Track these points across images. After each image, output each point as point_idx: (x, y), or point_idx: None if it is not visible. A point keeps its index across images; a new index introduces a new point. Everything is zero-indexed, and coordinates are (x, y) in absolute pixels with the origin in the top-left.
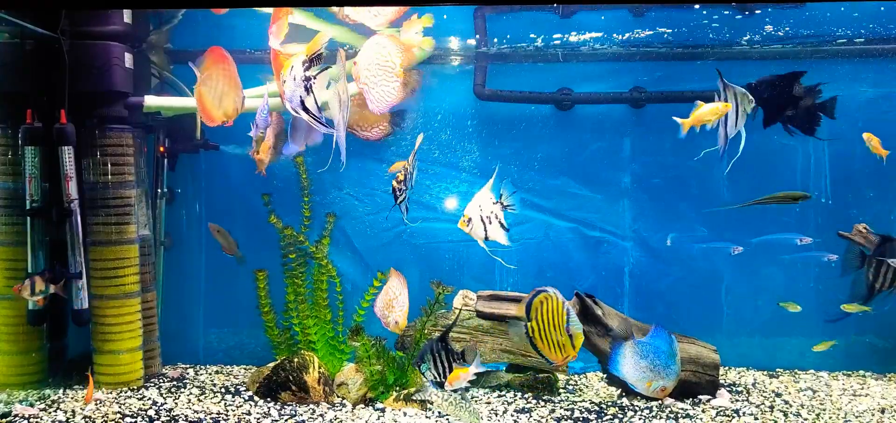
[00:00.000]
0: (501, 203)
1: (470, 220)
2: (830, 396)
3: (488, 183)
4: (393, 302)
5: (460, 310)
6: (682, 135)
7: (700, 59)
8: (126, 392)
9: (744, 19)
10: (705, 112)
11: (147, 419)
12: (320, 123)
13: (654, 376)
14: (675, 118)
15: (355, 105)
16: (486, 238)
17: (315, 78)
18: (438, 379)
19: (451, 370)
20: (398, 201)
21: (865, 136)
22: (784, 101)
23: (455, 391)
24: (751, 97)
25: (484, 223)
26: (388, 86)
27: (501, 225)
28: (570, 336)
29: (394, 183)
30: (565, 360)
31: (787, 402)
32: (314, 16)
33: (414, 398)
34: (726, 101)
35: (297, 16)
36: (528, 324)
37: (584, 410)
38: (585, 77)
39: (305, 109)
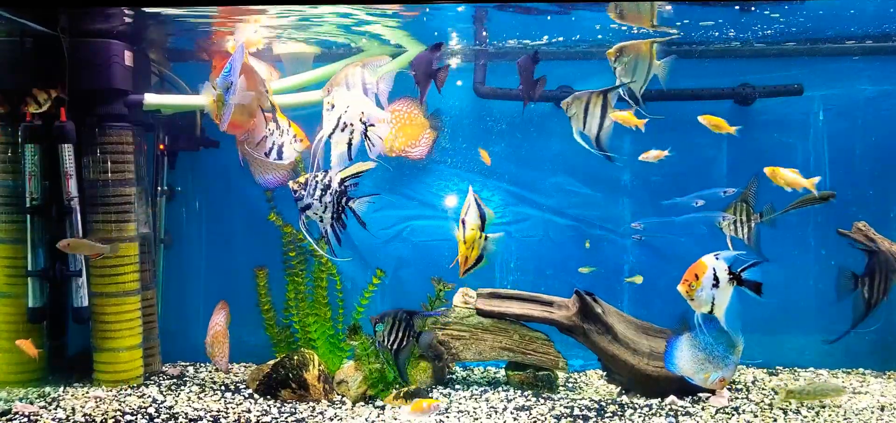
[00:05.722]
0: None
1: (333, 106)
2: None
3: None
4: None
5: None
6: None
7: (699, 58)
8: (126, 390)
9: (746, 18)
10: None
11: (147, 417)
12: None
13: (711, 367)
14: None
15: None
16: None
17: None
18: (385, 343)
19: (403, 343)
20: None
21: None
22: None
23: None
24: None
25: (348, 135)
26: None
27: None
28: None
29: (291, 184)
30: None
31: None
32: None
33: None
34: None
35: None
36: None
37: (583, 407)
38: (585, 75)
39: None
